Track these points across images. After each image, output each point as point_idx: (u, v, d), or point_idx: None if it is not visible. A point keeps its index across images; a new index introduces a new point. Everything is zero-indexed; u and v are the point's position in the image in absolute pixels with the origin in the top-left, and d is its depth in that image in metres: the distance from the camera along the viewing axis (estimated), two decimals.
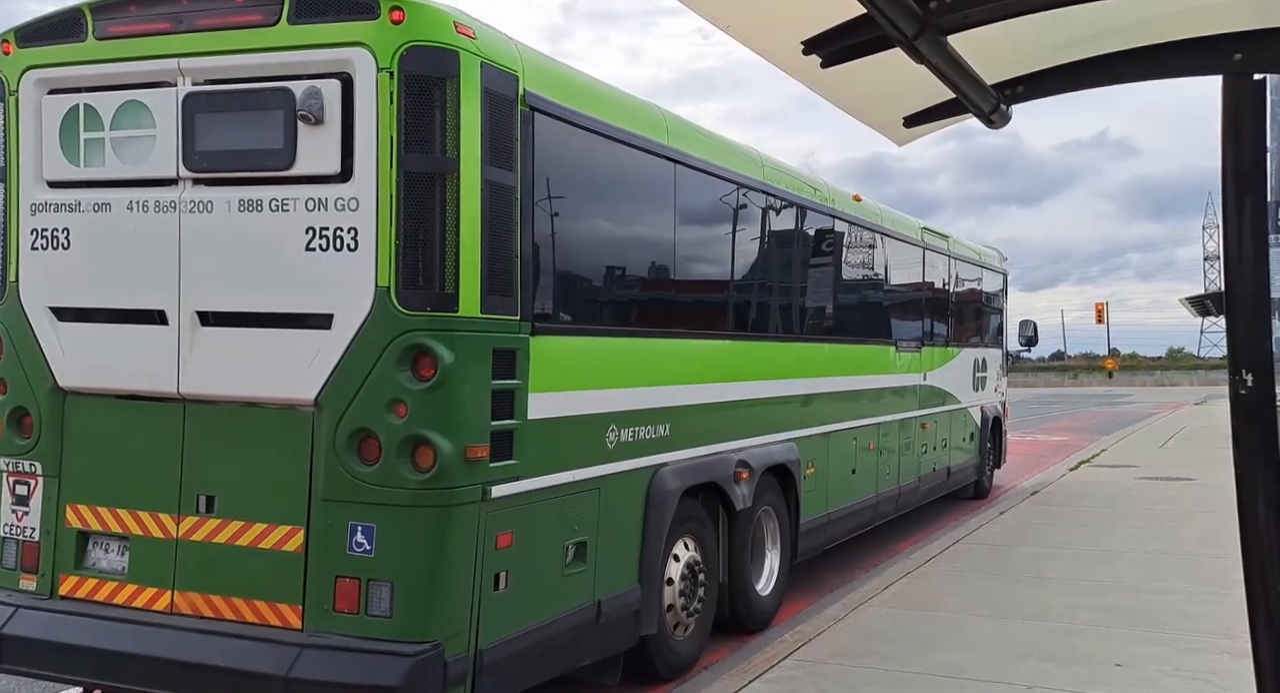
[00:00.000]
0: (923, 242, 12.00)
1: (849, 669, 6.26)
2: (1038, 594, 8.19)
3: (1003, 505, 13.28)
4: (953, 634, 7.02)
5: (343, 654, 4.55)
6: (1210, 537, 10.59)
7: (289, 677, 4.51)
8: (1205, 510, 12.56)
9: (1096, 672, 6.16)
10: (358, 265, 4.66)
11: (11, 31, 5.43)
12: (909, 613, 7.59)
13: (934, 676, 6.13)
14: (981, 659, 6.43)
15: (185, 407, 5.06)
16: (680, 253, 6.88)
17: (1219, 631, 6.97)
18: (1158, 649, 6.62)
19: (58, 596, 5.25)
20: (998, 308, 15.70)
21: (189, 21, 4.98)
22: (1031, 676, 6.08)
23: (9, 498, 5.43)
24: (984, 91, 3.95)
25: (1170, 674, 6.12)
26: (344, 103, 4.66)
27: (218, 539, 4.94)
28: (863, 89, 4.13)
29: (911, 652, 6.60)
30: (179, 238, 5.02)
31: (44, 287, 5.35)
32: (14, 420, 5.41)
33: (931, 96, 4.35)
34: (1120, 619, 7.38)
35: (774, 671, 6.22)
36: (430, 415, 4.60)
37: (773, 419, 7.89)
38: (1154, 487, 15.10)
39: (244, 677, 4.63)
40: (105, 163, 5.19)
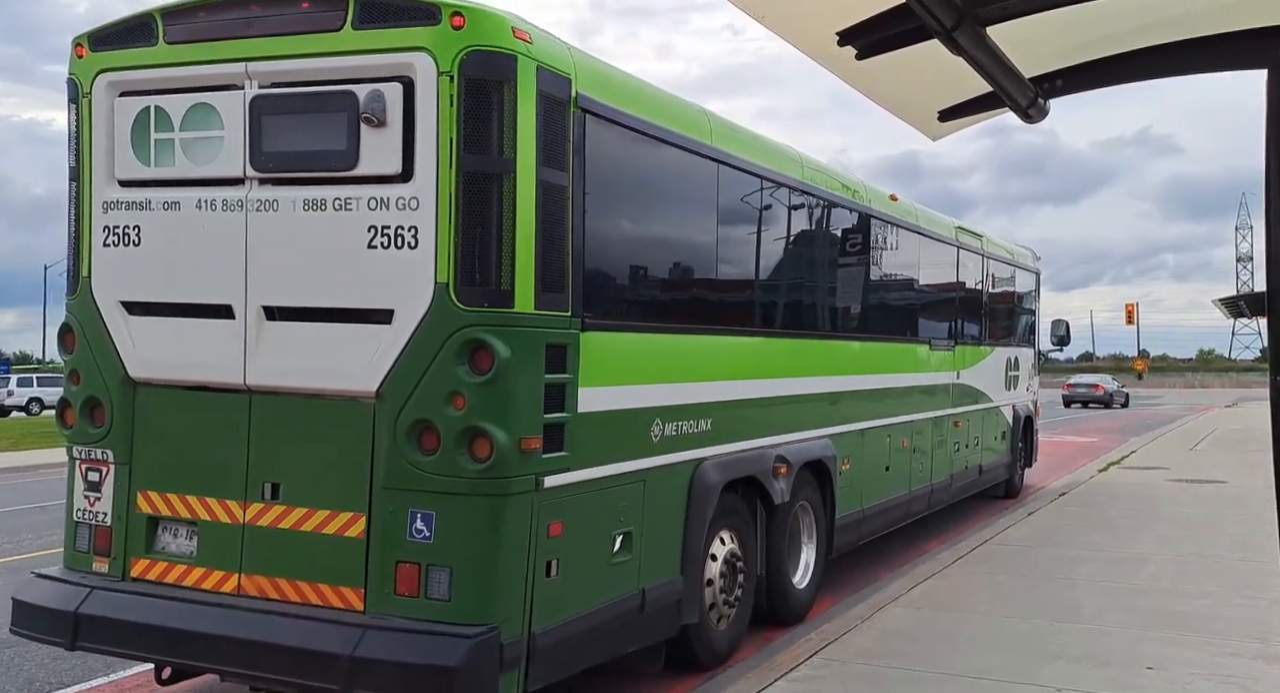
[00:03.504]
0: (957, 241, 12.09)
1: (875, 669, 6.21)
2: (1067, 596, 8.10)
3: (1031, 506, 13.16)
4: (980, 635, 6.96)
5: (404, 635, 4.70)
6: (1243, 541, 10.45)
7: (354, 656, 4.67)
8: (1238, 514, 12.39)
9: (1128, 675, 6.08)
10: (418, 263, 4.81)
11: (85, 36, 5.61)
12: (936, 614, 7.53)
13: (961, 677, 6.07)
14: (1009, 661, 6.36)
15: (251, 398, 5.24)
16: (721, 251, 7.00)
17: (1253, 634, 6.88)
18: (1190, 653, 6.53)
19: (129, 578, 5.47)
20: (1030, 307, 15.76)
21: (256, 27, 5.15)
22: (1061, 678, 6.01)
23: (81, 485, 5.65)
24: (1022, 85, 3.90)
25: (1203, 678, 6.03)
26: (405, 105, 4.81)
27: (283, 525, 5.12)
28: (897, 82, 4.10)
29: (938, 653, 6.54)
30: (246, 236, 5.19)
31: (115, 282, 5.54)
32: (86, 410, 5.61)
33: (967, 90, 4.31)
34: (1151, 622, 7.29)
35: (799, 669, 6.18)
36: (487, 408, 4.75)
37: (810, 416, 8.04)
38: (1185, 490, 14.91)
39: (310, 656, 4.78)
40: (175, 163, 5.36)
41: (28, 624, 5.53)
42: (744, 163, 7.12)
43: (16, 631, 5.62)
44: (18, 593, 5.64)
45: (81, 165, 5.59)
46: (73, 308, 5.68)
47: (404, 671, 4.63)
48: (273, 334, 5.18)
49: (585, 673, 5.56)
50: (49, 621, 5.42)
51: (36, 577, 5.71)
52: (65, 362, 5.76)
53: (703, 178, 6.70)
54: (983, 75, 3.63)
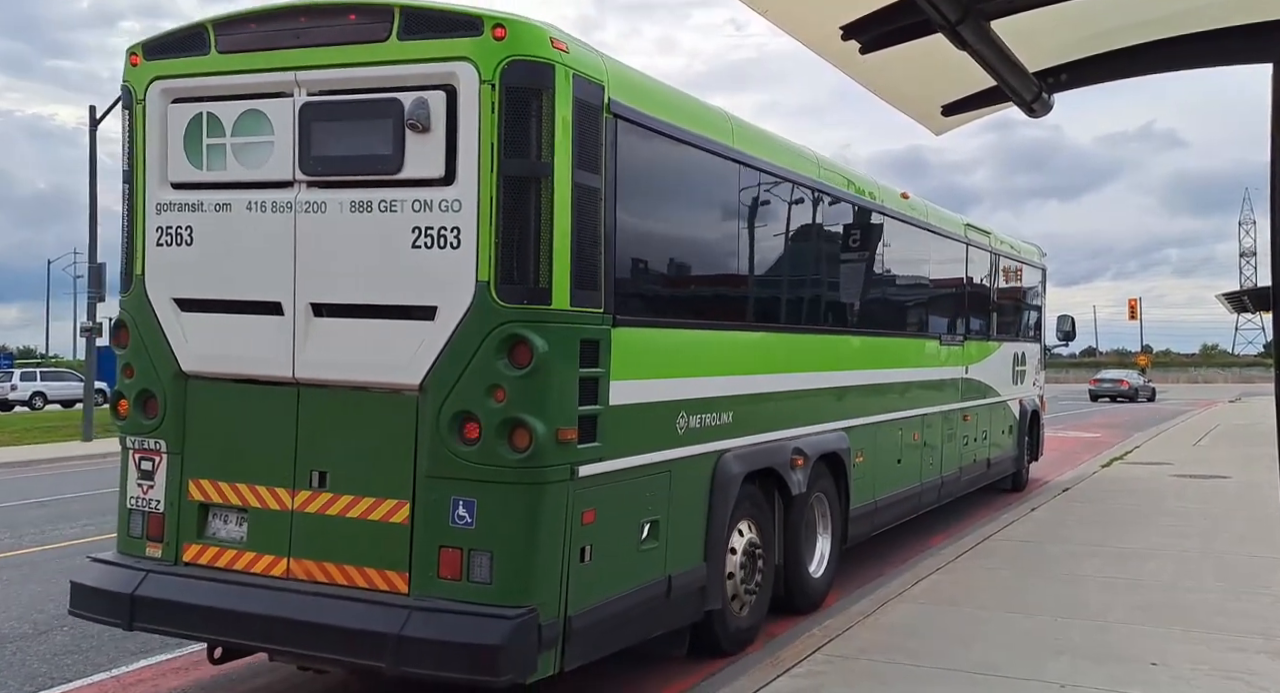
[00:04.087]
0: (966, 238, 12.31)
1: (878, 665, 6.20)
2: (1071, 592, 8.09)
3: (1035, 502, 13.16)
4: (984, 631, 6.95)
5: (448, 616, 4.93)
6: (1246, 536, 10.44)
7: (401, 635, 4.89)
8: (1241, 509, 12.37)
9: (1132, 670, 6.07)
10: (460, 261, 5.05)
11: (139, 45, 5.89)
12: (940, 609, 7.52)
13: (965, 673, 6.06)
14: (1014, 657, 6.36)
15: (299, 390, 5.48)
16: (742, 249, 7.21)
17: (1257, 630, 6.87)
18: (1194, 648, 6.52)
19: (181, 562, 5.72)
20: (1036, 303, 15.97)
21: (305, 37, 5.39)
22: (1065, 674, 6.00)
23: (135, 473, 5.91)
24: (1026, 79, 3.89)
25: (1207, 674, 6.02)
26: (448, 112, 5.05)
27: (330, 512, 5.36)
28: (901, 77, 4.08)
29: (942, 648, 6.53)
30: (294, 236, 5.45)
31: (168, 280, 5.80)
32: (140, 402, 5.88)
33: (971, 85, 4.29)
34: (1155, 617, 7.28)
35: (802, 665, 6.18)
36: (526, 400, 4.98)
37: (825, 409, 8.29)
38: (1188, 485, 14.90)
39: (359, 635, 5.00)
40: (226, 166, 5.62)
41: (86, 606, 5.76)
42: (763, 163, 7.32)
43: (75, 612, 5.84)
44: (75, 576, 5.87)
45: (135, 169, 5.84)
46: (126, 305, 5.95)
47: (449, 649, 4.85)
48: (320, 330, 5.43)
49: (614, 656, 5.73)
50: (107, 602, 5.65)
51: (92, 561, 5.93)
52: (119, 356, 5.99)
53: (724, 178, 6.92)
54: (986, 69, 3.61)
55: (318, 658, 5.35)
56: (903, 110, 4.42)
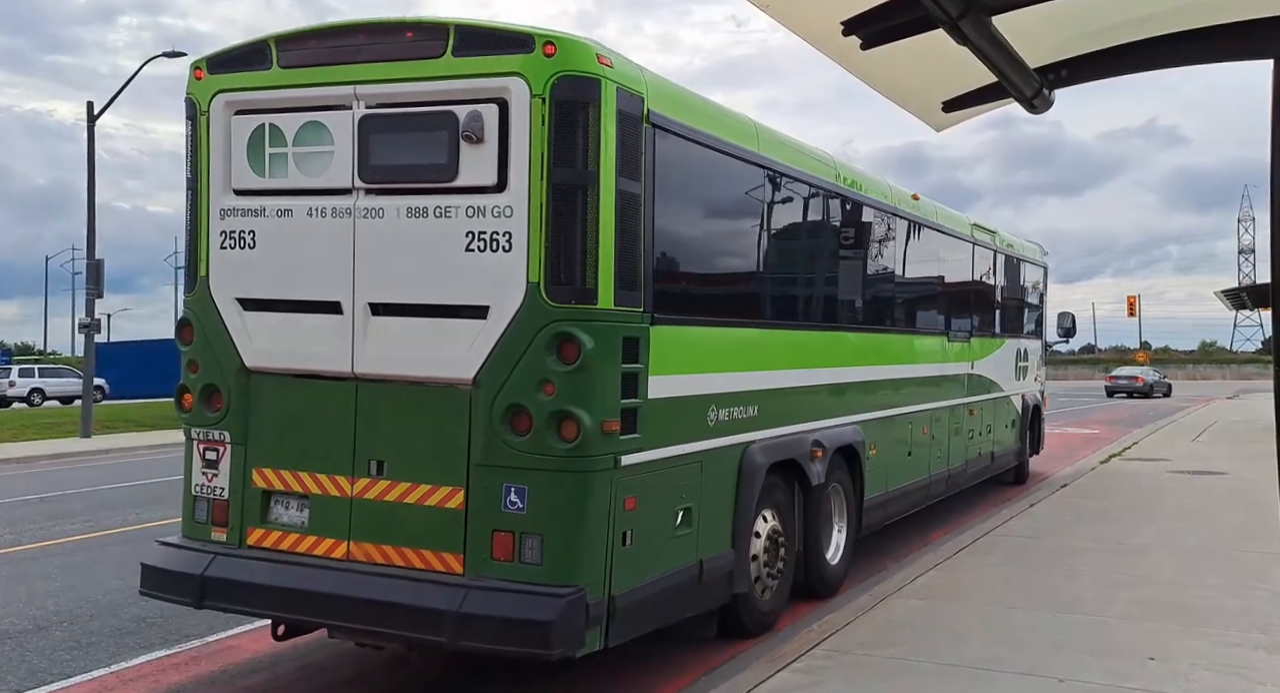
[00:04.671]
0: (972, 237, 12.65)
1: (878, 660, 6.22)
2: (1070, 587, 8.11)
3: (1034, 497, 13.17)
4: (983, 626, 6.96)
5: (503, 595, 5.26)
6: (1245, 531, 10.46)
7: (460, 612, 5.22)
8: (1239, 505, 12.39)
9: (1130, 665, 6.09)
10: (511, 264, 5.37)
11: (203, 60, 6.23)
12: (939, 604, 7.54)
13: (964, 667, 6.08)
14: (1013, 652, 6.37)
15: (358, 385, 5.81)
16: (766, 250, 7.60)
17: (1255, 625, 6.88)
18: (1192, 643, 6.54)
19: (246, 545, 6.04)
20: (1038, 300, 16.38)
21: (364, 53, 5.72)
22: (1064, 669, 6.02)
23: (199, 462, 6.22)
24: (1027, 75, 3.89)
25: (1205, 668, 6.03)
26: (500, 124, 5.37)
27: (388, 498, 5.68)
28: (902, 73, 4.08)
29: (941, 643, 6.55)
30: (353, 239, 5.78)
31: (231, 281, 6.14)
32: (205, 396, 6.21)
33: (972, 80, 4.29)
34: (1154, 613, 7.30)
35: (802, 660, 6.19)
36: (574, 394, 5.31)
37: (842, 403, 8.66)
38: (1187, 481, 14.92)
39: (420, 612, 5.33)
40: (288, 174, 5.95)
41: (156, 586, 6.11)
42: (784, 168, 7.64)
43: (146, 592, 6.17)
44: (145, 559, 6.19)
45: (199, 176, 6.18)
46: (190, 304, 6.29)
47: (505, 625, 5.17)
48: (378, 328, 5.75)
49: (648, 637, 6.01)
50: (177, 583, 6.00)
51: (160, 544, 6.26)
52: (183, 352, 6.31)
53: (750, 183, 7.25)
54: (987, 65, 3.61)
55: (379, 634, 5.64)
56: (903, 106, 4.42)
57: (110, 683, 6.50)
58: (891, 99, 4.37)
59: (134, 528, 12.16)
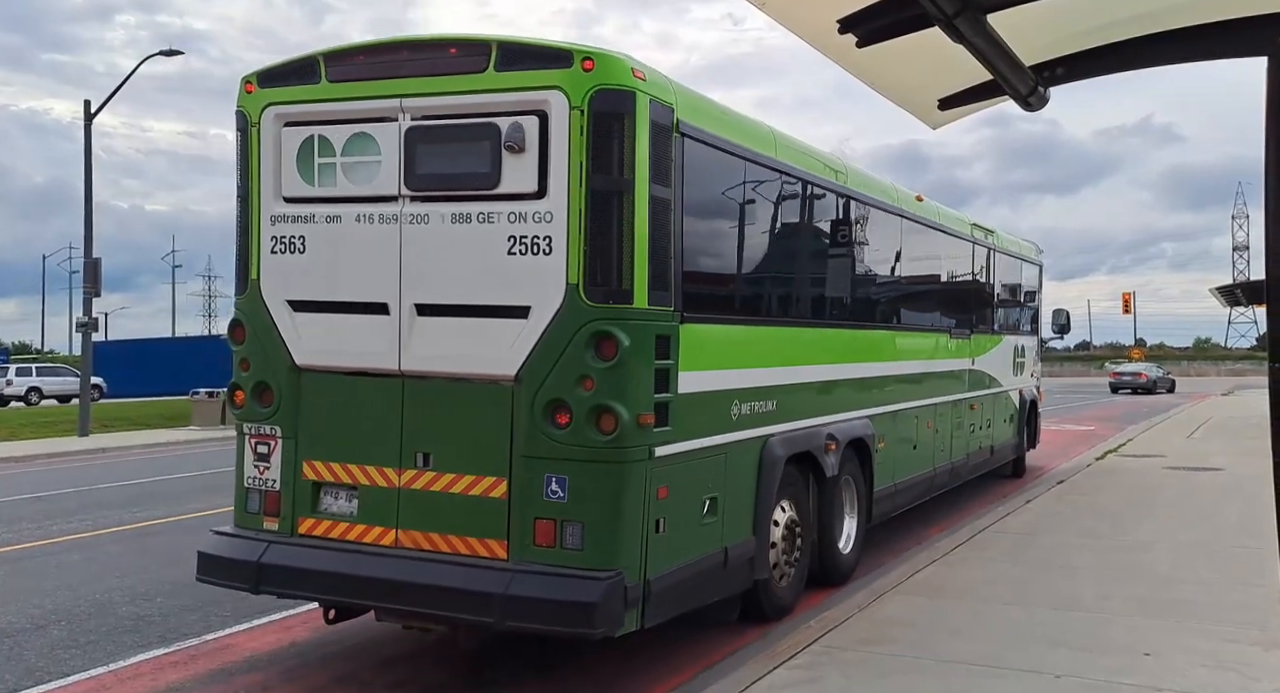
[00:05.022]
0: (972, 237, 13.01)
1: (874, 657, 6.23)
2: (1066, 584, 8.13)
3: (1030, 494, 13.20)
4: (980, 623, 6.98)
5: (547, 578, 5.55)
6: (1240, 528, 10.49)
7: (507, 594, 5.51)
8: (1235, 501, 12.42)
9: (1126, 661, 6.10)
10: (552, 266, 5.68)
11: (254, 74, 6.53)
12: (936, 601, 7.55)
13: (961, 664, 6.09)
14: (1009, 648, 6.39)
15: (404, 381, 6.10)
16: (783, 250, 7.99)
17: (1250, 621, 6.90)
18: (1188, 639, 6.56)
19: (297, 534, 6.33)
20: (1034, 298, 16.74)
21: (409, 68, 6.03)
22: (1060, 665, 6.03)
23: (251, 456, 6.52)
24: (1022, 73, 3.89)
25: (1201, 665, 6.05)
26: (540, 135, 5.67)
27: (434, 488, 5.98)
28: (898, 70, 4.09)
29: (938, 640, 6.56)
30: (400, 244, 6.08)
31: (282, 283, 6.45)
32: (256, 393, 6.50)
33: (968, 78, 4.30)
34: (1150, 609, 7.32)
35: (799, 657, 6.20)
36: (612, 389, 5.61)
37: (853, 399, 9.01)
38: (1182, 477, 14.95)
39: (468, 594, 5.63)
40: (337, 183, 6.26)
41: (212, 573, 6.40)
42: (801, 172, 7.98)
43: (203, 579, 6.44)
44: (203, 547, 6.45)
45: (250, 185, 6.49)
46: (242, 306, 6.59)
47: (550, 606, 5.47)
48: (423, 327, 6.05)
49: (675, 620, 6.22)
50: (233, 569, 6.30)
51: (214, 533, 6.54)
52: (235, 351, 6.61)
53: (768, 186, 7.60)
54: (983, 63, 3.62)
55: (428, 615, 5.95)
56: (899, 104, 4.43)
57: (108, 682, 6.50)
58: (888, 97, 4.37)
59: (131, 527, 12.16)
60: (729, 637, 7.13)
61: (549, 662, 6.68)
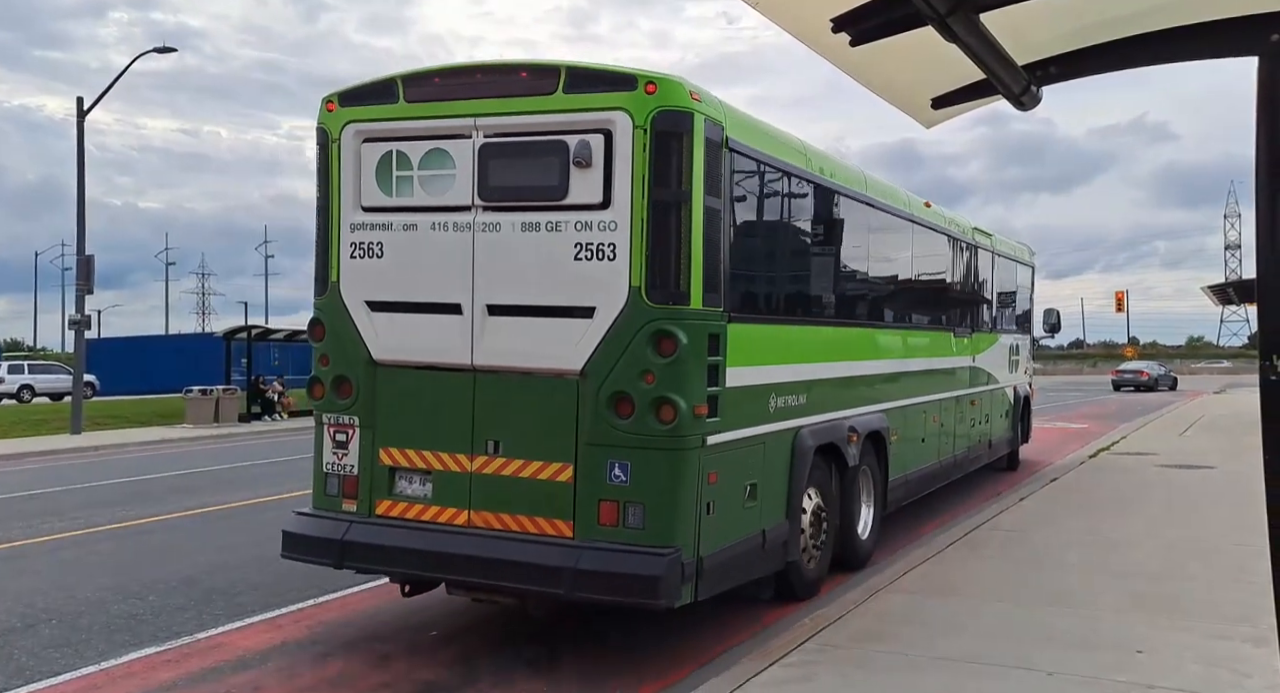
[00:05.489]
0: (973, 240, 13.59)
1: (869, 654, 6.25)
2: (1059, 580, 8.15)
3: (1023, 491, 13.23)
4: (973, 620, 7.00)
5: (613, 554, 6.08)
6: (1232, 525, 10.52)
7: (577, 568, 6.03)
8: (1226, 499, 12.46)
9: (1118, 658, 6.12)
10: (616, 271, 6.19)
11: (334, 94, 7.07)
12: (929, 598, 7.57)
13: (954, 661, 6.11)
14: (1003, 645, 6.40)
15: (475, 375, 6.62)
16: (814, 254, 8.53)
17: (1241, 617, 6.92)
18: (1180, 636, 6.58)
19: (374, 515, 6.83)
20: (1028, 298, 17.45)
21: (482, 90, 6.56)
22: (1053, 662, 6.05)
23: (330, 444, 7.04)
24: (1015, 72, 3.90)
25: (1192, 661, 6.07)
26: (605, 151, 6.20)
27: (504, 473, 6.48)
28: (891, 69, 4.09)
29: (932, 637, 6.58)
30: (473, 250, 6.59)
31: (360, 285, 6.96)
32: (335, 386, 7.03)
33: (961, 77, 4.30)
34: (1142, 606, 7.34)
35: (793, 654, 6.21)
36: (672, 382, 6.12)
37: (870, 394, 9.54)
38: (1174, 475, 15.00)
39: (539, 569, 6.14)
40: (413, 194, 6.77)
41: (298, 550, 6.95)
42: (826, 182, 8.47)
43: (287, 555, 6.99)
44: (287, 526, 7.00)
45: (330, 196, 7.01)
46: (322, 306, 7.10)
47: (617, 579, 5.99)
48: (495, 326, 6.55)
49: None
50: (318, 547, 6.83)
51: (296, 514, 7.07)
52: (315, 348, 7.15)
53: (800, 195, 8.10)
54: (976, 62, 3.62)
55: (501, 588, 6.45)
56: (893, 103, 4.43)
57: (99, 681, 6.48)
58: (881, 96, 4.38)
59: (124, 525, 12.14)
60: (722, 637, 7.14)
61: (541, 663, 6.68)
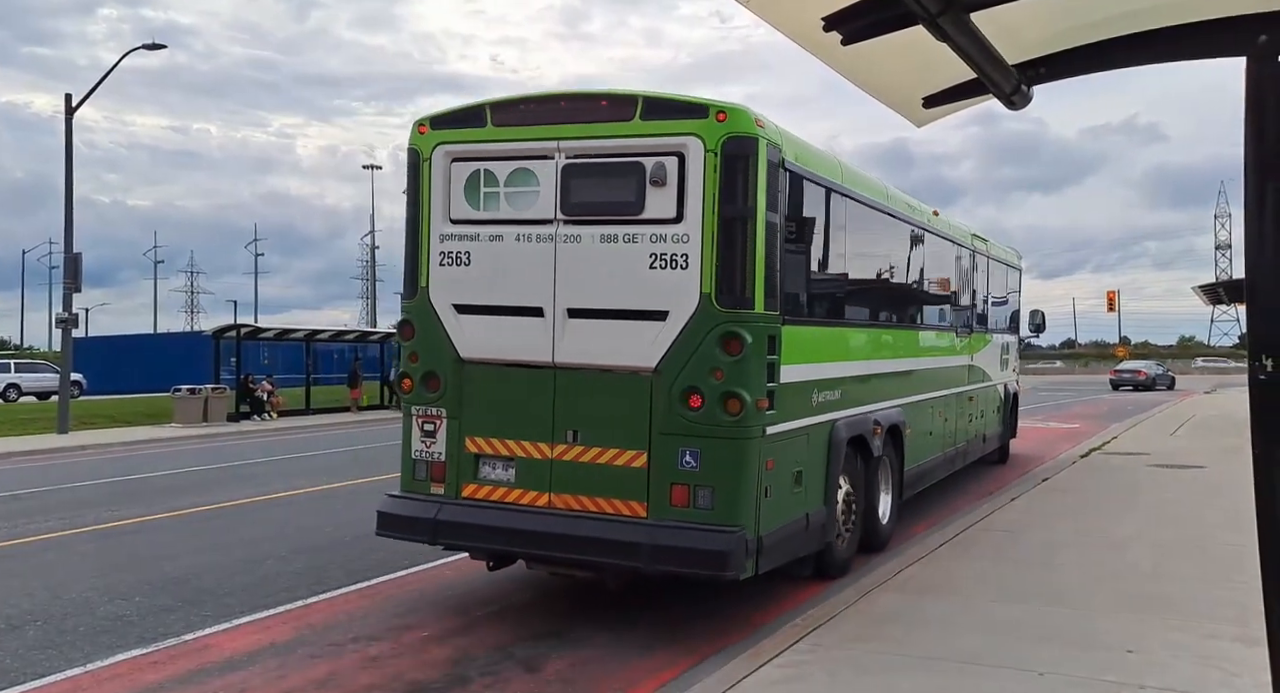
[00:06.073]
0: (972, 246, 14.36)
1: (861, 654, 6.23)
2: (1051, 580, 8.16)
3: (1015, 491, 13.26)
4: (965, 620, 7.00)
5: (685, 531, 6.80)
6: (1222, 524, 10.55)
7: (655, 544, 6.76)
8: (1217, 498, 12.50)
9: (1110, 658, 6.13)
10: (688, 279, 6.90)
11: (426, 118, 7.80)
12: (922, 598, 7.57)
13: (947, 661, 6.10)
14: (994, 645, 6.40)
15: (556, 372, 7.33)
16: (845, 260, 9.16)
17: (1232, 617, 6.94)
18: (1171, 635, 6.59)
19: (461, 497, 7.57)
20: (1016, 300, 18.16)
21: (565, 116, 7.30)
22: (1044, 661, 6.05)
23: (418, 433, 7.76)
24: (1006, 71, 3.89)
25: (1183, 660, 6.08)
26: (679, 171, 6.91)
27: (583, 460, 7.21)
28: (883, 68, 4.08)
29: (924, 637, 6.57)
30: (555, 259, 7.30)
31: (449, 290, 7.68)
32: (424, 381, 7.75)
33: (952, 77, 4.29)
34: (1133, 606, 7.35)
35: (785, 655, 6.20)
36: (738, 378, 6.84)
37: (891, 389, 10.27)
38: (1165, 474, 15.04)
39: (618, 544, 6.90)
40: (499, 209, 7.50)
41: (393, 528, 7.70)
42: (858, 195, 9.25)
43: (383, 533, 7.73)
44: (381, 507, 7.75)
45: (420, 208, 7.73)
46: (410, 309, 7.83)
47: (691, 553, 6.71)
48: (574, 328, 7.26)
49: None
50: (412, 525, 7.60)
51: (389, 496, 7.84)
52: (404, 346, 7.91)
53: (838, 209, 8.82)
54: (967, 62, 3.61)
55: (581, 562, 7.18)
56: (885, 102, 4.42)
57: (85, 683, 6.43)
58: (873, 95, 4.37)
59: (110, 525, 12.07)
60: (711, 638, 7.13)
61: (532, 663, 6.66)
